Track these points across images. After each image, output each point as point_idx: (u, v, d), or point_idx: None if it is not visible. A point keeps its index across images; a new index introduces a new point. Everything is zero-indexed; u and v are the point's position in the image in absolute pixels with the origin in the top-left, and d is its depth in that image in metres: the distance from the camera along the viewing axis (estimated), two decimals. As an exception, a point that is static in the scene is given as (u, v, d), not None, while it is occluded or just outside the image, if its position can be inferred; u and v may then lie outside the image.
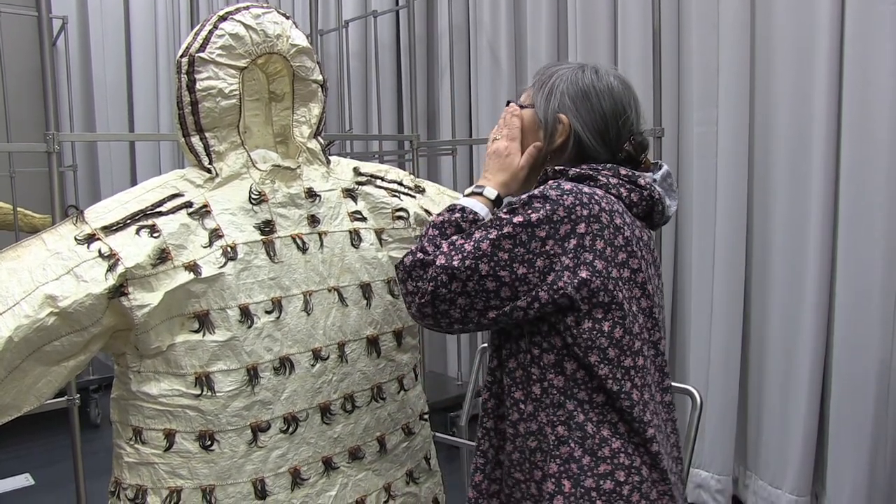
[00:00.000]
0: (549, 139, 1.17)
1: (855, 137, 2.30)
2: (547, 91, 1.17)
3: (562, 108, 1.15)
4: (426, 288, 1.03)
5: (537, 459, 1.07)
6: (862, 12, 2.25)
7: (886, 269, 2.25)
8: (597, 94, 1.15)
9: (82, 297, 1.12)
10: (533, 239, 1.02)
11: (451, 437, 2.61)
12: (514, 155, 1.19)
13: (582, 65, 1.19)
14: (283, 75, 1.37)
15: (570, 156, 1.16)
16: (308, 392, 1.28)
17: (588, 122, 1.14)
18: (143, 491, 1.22)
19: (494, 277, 1.02)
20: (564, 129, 1.15)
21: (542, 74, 1.21)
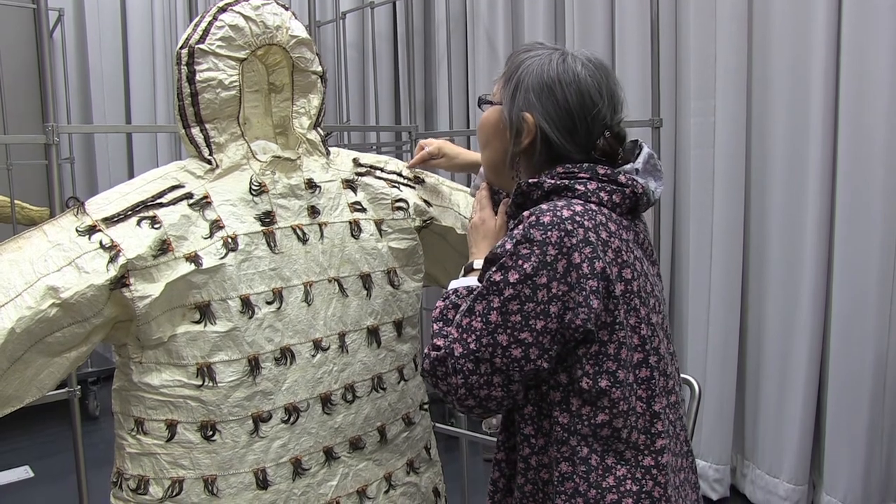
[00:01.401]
0: (515, 140, 1.08)
1: (852, 128, 2.30)
2: (512, 86, 1.08)
3: (526, 106, 1.06)
4: (457, 382, 0.98)
5: (549, 491, 1.04)
6: (859, 2, 2.25)
7: (883, 259, 2.26)
8: (562, 87, 1.05)
9: (84, 289, 1.13)
10: (537, 290, 0.95)
11: (451, 427, 2.62)
12: (487, 220, 1.18)
13: (552, 50, 1.09)
14: (282, 66, 1.37)
15: (540, 156, 1.08)
16: (309, 382, 1.29)
17: (554, 119, 1.05)
18: (145, 481, 1.23)
19: (518, 343, 0.96)
20: (530, 129, 1.06)
21: (511, 63, 1.11)
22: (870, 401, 2.31)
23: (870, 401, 2.31)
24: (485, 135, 1.16)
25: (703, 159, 2.69)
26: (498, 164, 1.15)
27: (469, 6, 3.53)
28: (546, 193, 1.05)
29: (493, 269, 0.99)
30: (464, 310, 1.00)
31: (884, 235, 2.25)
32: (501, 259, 0.98)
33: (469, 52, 3.57)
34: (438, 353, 1.01)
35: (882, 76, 2.22)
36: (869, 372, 2.30)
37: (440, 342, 1.01)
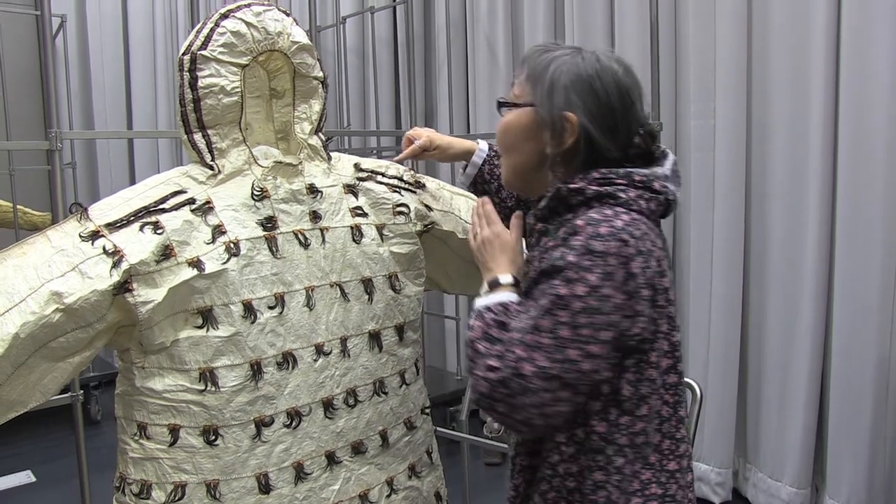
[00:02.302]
0: (557, 141, 1.05)
1: (852, 130, 2.31)
2: (547, 86, 1.05)
3: (568, 105, 1.03)
4: (526, 402, 0.94)
5: (575, 499, 1.04)
6: (859, 5, 2.26)
7: (885, 260, 2.26)
8: (603, 85, 1.03)
9: (87, 294, 1.13)
10: (603, 301, 0.94)
11: (452, 431, 2.62)
12: (502, 234, 1.12)
13: (577, 49, 1.07)
14: (284, 72, 1.37)
15: (580, 157, 1.05)
16: (311, 387, 1.29)
17: (597, 118, 1.03)
18: (147, 486, 1.23)
19: (588, 356, 0.94)
20: (574, 128, 1.03)
21: (535, 63, 1.08)
22: (872, 403, 2.31)
23: (872, 403, 2.31)
24: (511, 138, 1.11)
25: (704, 162, 2.69)
26: (527, 168, 1.11)
27: (469, 11, 3.54)
28: (587, 200, 1.03)
29: (554, 281, 0.95)
30: (524, 327, 0.96)
31: (885, 236, 2.26)
32: (564, 271, 0.95)
33: (469, 57, 3.58)
34: (498, 374, 0.95)
35: (882, 77, 2.22)
36: (871, 374, 2.30)
37: (495, 363, 0.95)
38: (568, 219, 1.03)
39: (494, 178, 1.38)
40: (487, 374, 0.95)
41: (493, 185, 1.38)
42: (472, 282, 1.66)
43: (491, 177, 1.38)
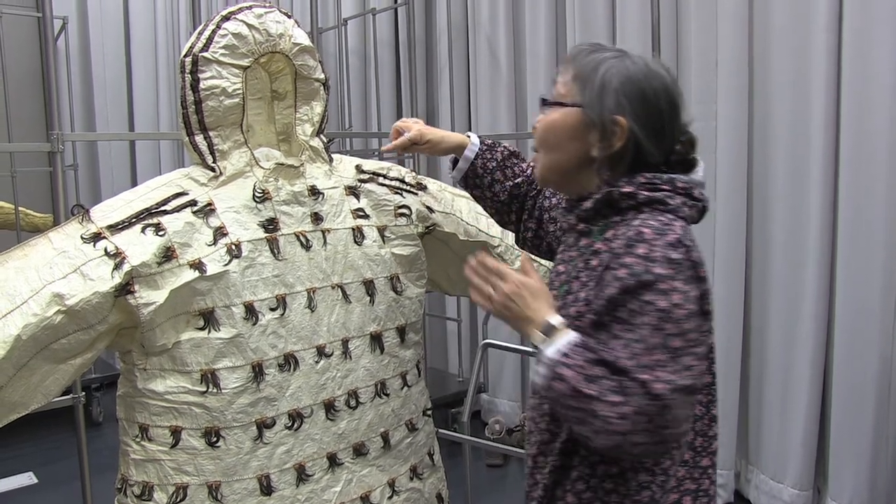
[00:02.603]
0: (605, 143, 1.05)
1: (854, 132, 2.31)
2: (598, 87, 1.04)
3: (618, 108, 1.03)
4: (672, 417, 0.93)
5: (611, 500, 1.04)
6: (859, 7, 2.26)
7: (886, 262, 2.26)
8: (653, 91, 1.04)
9: (89, 296, 1.13)
10: (696, 304, 0.96)
11: (453, 433, 2.62)
12: (526, 281, 1.04)
13: (623, 52, 1.07)
14: (285, 74, 1.37)
15: (625, 161, 1.05)
16: (312, 388, 1.29)
17: (646, 122, 1.03)
18: (149, 487, 1.23)
19: (697, 358, 0.96)
20: (623, 132, 1.03)
21: (582, 64, 1.07)
22: (874, 404, 2.30)
23: (874, 404, 2.30)
24: (556, 137, 1.10)
25: (705, 164, 2.68)
26: (568, 168, 1.10)
27: (470, 13, 3.54)
28: (637, 204, 1.03)
29: (646, 297, 0.94)
30: (635, 351, 0.94)
31: (887, 237, 2.26)
32: (655, 284, 0.94)
33: (470, 59, 3.58)
34: (631, 407, 0.92)
35: (884, 79, 2.22)
36: (873, 376, 2.30)
37: (619, 398, 0.92)
38: (615, 221, 1.04)
39: (487, 173, 1.36)
40: (620, 411, 0.91)
41: (485, 179, 1.37)
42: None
43: (484, 171, 1.37)
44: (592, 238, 1.07)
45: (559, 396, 0.96)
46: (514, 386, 3.59)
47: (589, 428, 0.94)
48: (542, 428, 1.12)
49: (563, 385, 0.95)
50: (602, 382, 0.93)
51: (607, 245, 1.03)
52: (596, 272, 1.02)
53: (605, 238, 1.04)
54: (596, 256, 1.04)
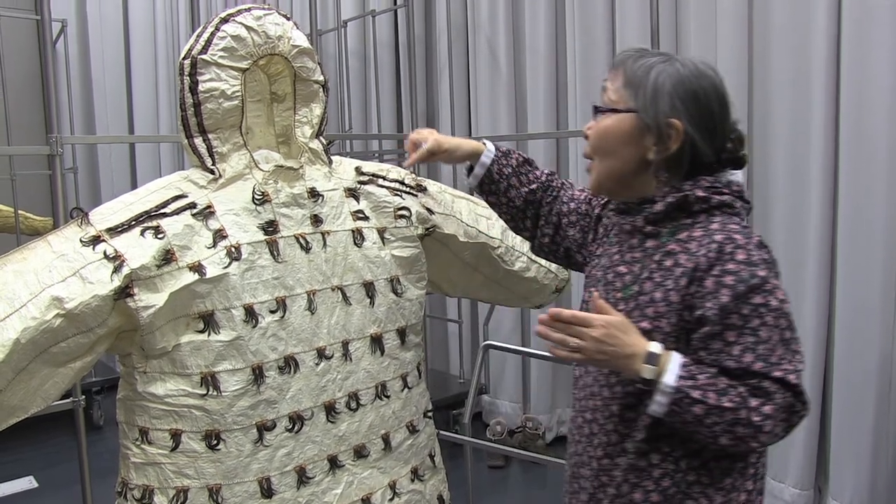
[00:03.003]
0: (662, 147, 1.08)
1: (853, 132, 2.31)
2: (651, 92, 1.07)
3: (673, 111, 1.06)
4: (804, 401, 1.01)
5: (693, 492, 1.07)
6: (859, 7, 2.26)
7: (886, 261, 2.26)
8: (705, 92, 1.07)
9: (88, 299, 1.13)
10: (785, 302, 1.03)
11: (455, 434, 2.62)
12: (610, 320, 1.03)
13: (669, 56, 1.10)
14: (284, 76, 1.37)
15: (686, 163, 1.09)
16: (313, 391, 1.29)
17: (699, 123, 1.07)
18: (149, 491, 1.23)
19: (797, 342, 1.03)
20: (678, 134, 1.06)
21: (632, 69, 1.10)
22: (875, 404, 2.30)
23: (875, 404, 2.30)
24: (611, 143, 1.12)
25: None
26: (625, 173, 1.12)
27: (470, 14, 3.54)
28: (710, 208, 1.07)
29: (756, 299, 0.99)
30: (761, 353, 0.99)
31: (887, 237, 2.25)
32: (764, 286, 1.00)
33: (470, 60, 3.58)
34: (790, 397, 0.99)
35: (883, 79, 2.22)
36: (874, 374, 2.30)
37: (759, 402, 0.97)
38: (685, 224, 1.08)
39: (503, 178, 1.38)
40: (764, 411, 0.97)
41: (501, 184, 1.38)
42: (472, 284, 1.66)
43: (500, 176, 1.38)
44: (661, 240, 1.09)
45: (695, 419, 0.99)
46: (516, 387, 3.59)
47: (733, 437, 0.98)
48: (608, 430, 1.12)
49: (699, 407, 0.98)
50: (736, 391, 0.98)
51: (682, 246, 1.06)
52: (673, 273, 1.05)
53: (679, 239, 1.07)
54: (670, 257, 1.07)
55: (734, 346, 0.99)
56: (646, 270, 1.09)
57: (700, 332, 1.02)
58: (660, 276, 1.07)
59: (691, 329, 1.04)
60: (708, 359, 1.01)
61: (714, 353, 1.01)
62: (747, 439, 0.99)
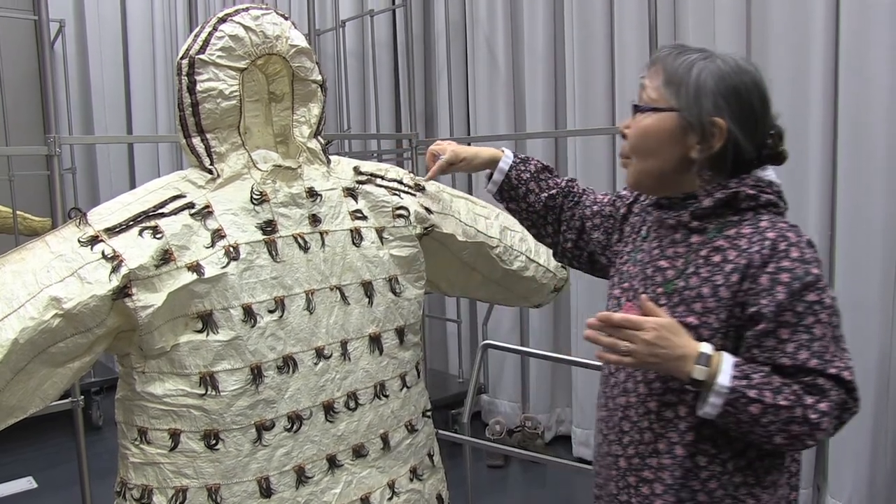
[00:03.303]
0: (705, 145, 1.07)
1: (851, 131, 2.31)
2: (693, 90, 1.06)
3: (716, 110, 1.05)
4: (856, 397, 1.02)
5: (740, 494, 1.06)
6: (857, 6, 2.26)
7: (885, 259, 2.26)
8: (746, 89, 1.06)
9: (87, 299, 1.13)
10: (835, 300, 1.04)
11: (454, 434, 2.62)
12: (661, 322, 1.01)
13: (708, 52, 1.09)
14: (282, 76, 1.37)
15: (730, 161, 1.08)
16: (312, 390, 1.29)
17: (741, 121, 1.06)
18: (148, 491, 1.23)
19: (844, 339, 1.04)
20: (722, 133, 1.06)
21: (673, 67, 1.08)
22: (874, 402, 2.30)
23: (874, 402, 2.30)
24: (652, 142, 1.11)
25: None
26: (667, 172, 1.11)
27: (468, 14, 3.54)
28: (757, 206, 1.08)
29: (810, 296, 1.00)
30: (816, 350, 0.98)
31: (885, 234, 2.26)
32: (817, 283, 1.01)
33: (469, 60, 3.58)
34: (844, 394, 0.99)
35: (881, 79, 2.22)
36: (872, 373, 2.30)
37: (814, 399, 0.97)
38: (732, 220, 1.07)
39: (522, 183, 1.38)
40: (820, 408, 0.97)
41: (520, 190, 1.38)
42: (471, 284, 1.66)
43: (518, 182, 1.38)
44: (708, 235, 1.09)
45: (750, 419, 0.98)
46: (515, 387, 3.59)
47: (788, 436, 0.98)
48: (642, 427, 1.11)
49: (755, 406, 0.97)
50: (790, 389, 0.98)
51: (730, 242, 1.06)
52: (722, 268, 1.04)
53: (727, 236, 1.07)
54: (718, 252, 1.06)
55: (788, 344, 0.99)
56: (691, 265, 1.08)
57: (754, 330, 1.01)
58: (706, 272, 1.06)
59: (740, 326, 1.03)
60: (761, 357, 1.00)
61: (767, 350, 1.00)
62: (803, 437, 0.98)
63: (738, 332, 1.03)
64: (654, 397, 1.09)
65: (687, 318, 1.05)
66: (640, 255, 1.18)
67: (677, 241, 1.12)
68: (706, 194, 1.09)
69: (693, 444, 1.07)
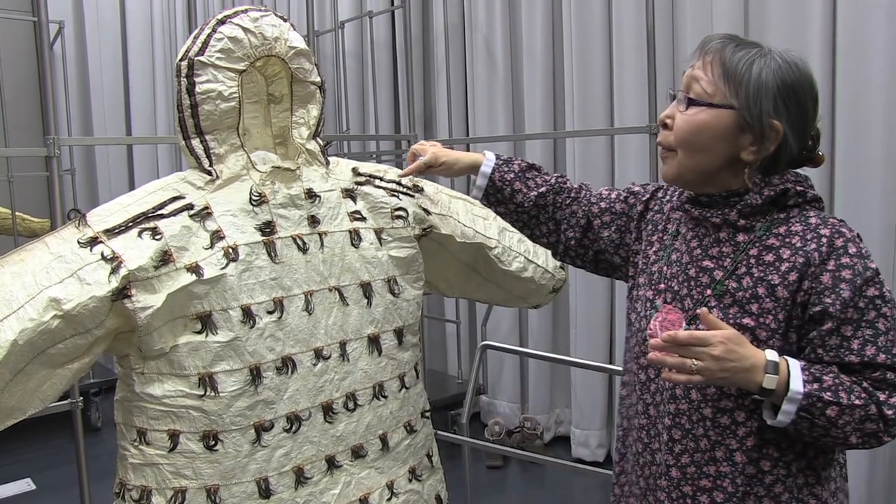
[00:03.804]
0: (760, 146, 1.04)
1: (849, 134, 2.32)
2: (753, 89, 1.02)
3: (776, 112, 1.02)
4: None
5: (804, 495, 1.06)
6: (854, 9, 2.27)
7: (883, 262, 2.27)
8: (803, 90, 1.04)
9: (86, 300, 1.13)
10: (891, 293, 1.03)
11: (453, 434, 2.62)
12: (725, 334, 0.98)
13: (763, 48, 1.05)
14: (281, 77, 1.38)
15: (781, 162, 1.06)
16: (310, 391, 1.29)
17: (796, 125, 1.04)
18: (147, 492, 1.23)
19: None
20: (778, 136, 1.03)
21: (732, 62, 1.04)
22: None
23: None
24: (706, 139, 1.06)
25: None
26: (712, 169, 1.08)
27: (467, 15, 3.55)
28: (804, 202, 1.07)
29: (871, 291, 0.99)
30: (883, 344, 0.98)
31: (883, 238, 2.27)
32: (875, 278, 1.00)
33: (467, 61, 3.59)
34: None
35: (878, 79, 2.24)
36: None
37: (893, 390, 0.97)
38: (779, 218, 1.06)
39: (506, 184, 1.36)
40: (893, 402, 0.97)
41: (506, 191, 1.36)
42: (470, 284, 1.67)
43: (503, 183, 1.36)
44: (756, 233, 1.06)
45: (828, 422, 0.96)
46: (514, 387, 3.60)
47: (862, 434, 0.97)
48: (697, 435, 1.07)
49: (832, 409, 0.95)
50: (860, 387, 0.97)
51: (782, 241, 1.03)
52: (777, 268, 1.02)
53: (777, 234, 1.04)
54: (770, 251, 1.04)
55: (853, 341, 0.98)
56: (741, 265, 1.05)
57: (820, 330, 0.99)
58: (759, 272, 1.03)
59: (799, 326, 1.01)
60: (826, 356, 0.99)
61: (832, 349, 0.98)
62: (879, 434, 0.97)
63: (798, 332, 1.02)
64: (709, 403, 1.06)
65: (742, 319, 1.03)
66: (674, 255, 1.15)
67: (722, 241, 1.09)
68: (753, 191, 1.06)
69: (755, 448, 1.04)
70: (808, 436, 0.99)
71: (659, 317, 1.07)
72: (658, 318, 1.07)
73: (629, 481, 1.21)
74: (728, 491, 1.05)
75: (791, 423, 0.97)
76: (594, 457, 3.24)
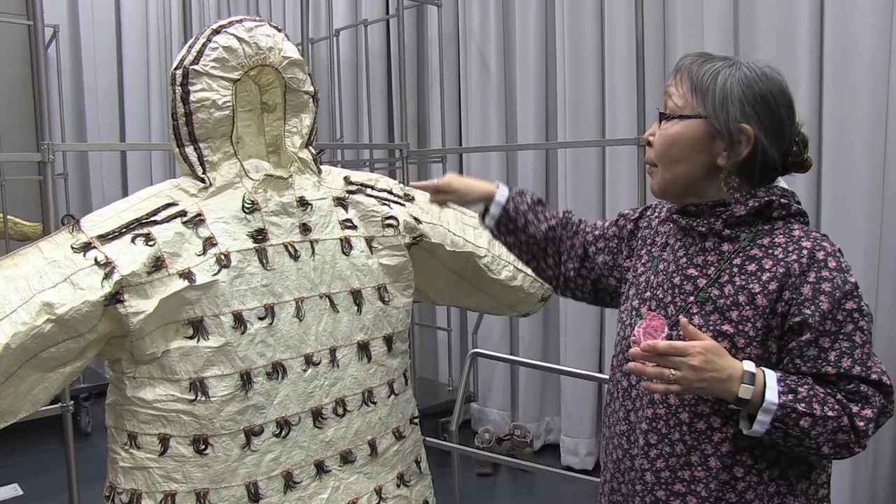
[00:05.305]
0: (732, 152, 1.07)
1: (836, 137, 2.36)
2: (719, 97, 1.06)
3: (744, 117, 1.05)
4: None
5: (775, 502, 1.07)
6: (841, 16, 2.32)
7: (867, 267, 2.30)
8: (773, 96, 1.06)
9: (79, 305, 1.14)
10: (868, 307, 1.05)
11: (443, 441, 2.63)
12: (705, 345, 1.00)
13: (732, 59, 1.09)
14: (275, 86, 1.39)
15: (758, 168, 1.08)
16: (300, 396, 1.31)
17: (769, 129, 1.06)
18: (137, 495, 1.24)
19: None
20: (749, 140, 1.06)
21: (699, 74, 1.08)
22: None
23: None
24: (680, 150, 1.10)
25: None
26: (694, 179, 1.11)
27: (461, 24, 3.58)
28: (789, 215, 1.09)
29: (849, 304, 1.01)
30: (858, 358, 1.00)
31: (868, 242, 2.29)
32: (854, 291, 1.03)
33: (461, 70, 3.61)
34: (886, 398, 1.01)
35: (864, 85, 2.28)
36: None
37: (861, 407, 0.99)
38: (763, 229, 1.08)
39: (520, 215, 1.35)
40: (865, 415, 0.99)
41: (519, 221, 1.36)
42: (459, 293, 1.68)
43: (517, 213, 1.35)
44: (741, 244, 1.09)
45: (801, 432, 0.98)
46: (504, 395, 3.61)
47: (835, 445, 0.99)
48: (673, 440, 1.08)
49: (805, 420, 0.98)
50: (834, 399, 0.99)
51: (765, 251, 1.06)
52: (758, 277, 1.05)
53: (761, 245, 1.07)
54: (753, 261, 1.07)
55: (830, 352, 1.00)
56: (724, 274, 1.08)
57: (799, 340, 1.01)
58: (741, 280, 1.06)
59: (777, 336, 1.03)
60: (804, 367, 1.01)
61: (810, 359, 1.00)
62: (850, 445, 0.99)
63: (778, 343, 1.04)
64: (686, 408, 1.07)
65: (722, 326, 1.05)
66: (661, 265, 1.17)
67: (707, 250, 1.12)
68: (738, 202, 1.09)
69: (730, 454, 1.06)
70: (783, 445, 1.01)
71: (643, 323, 1.09)
72: (642, 324, 1.09)
73: (612, 489, 1.22)
74: (701, 496, 1.07)
75: (766, 432, 0.99)
76: (583, 465, 3.25)
